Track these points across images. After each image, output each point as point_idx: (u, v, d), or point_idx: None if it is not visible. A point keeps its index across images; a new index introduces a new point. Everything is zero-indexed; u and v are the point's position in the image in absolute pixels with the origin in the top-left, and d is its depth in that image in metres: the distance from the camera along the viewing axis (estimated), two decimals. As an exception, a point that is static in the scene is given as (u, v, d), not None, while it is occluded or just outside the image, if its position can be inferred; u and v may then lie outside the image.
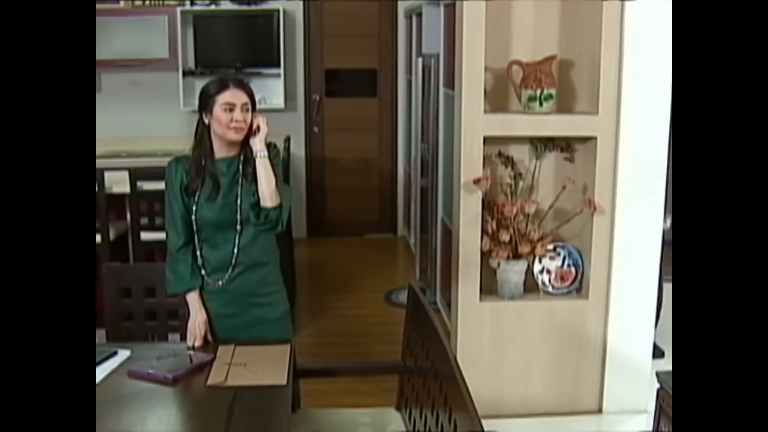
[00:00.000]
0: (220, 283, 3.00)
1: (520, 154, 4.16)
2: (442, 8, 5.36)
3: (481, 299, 4.07)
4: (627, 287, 4.11)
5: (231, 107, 2.87)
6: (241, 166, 2.96)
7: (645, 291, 4.14)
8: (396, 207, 8.12)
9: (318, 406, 3.41)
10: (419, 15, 6.65)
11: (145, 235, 4.68)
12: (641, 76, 3.93)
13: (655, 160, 4.01)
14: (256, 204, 2.91)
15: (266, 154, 2.91)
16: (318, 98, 7.82)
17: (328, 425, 2.94)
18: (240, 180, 2.95)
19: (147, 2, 7.11)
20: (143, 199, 4.71)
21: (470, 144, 3.93)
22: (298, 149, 7.69)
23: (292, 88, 7.64)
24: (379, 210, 8.13)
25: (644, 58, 3.91)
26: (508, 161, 4.11)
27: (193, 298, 3.02)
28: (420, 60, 5.94)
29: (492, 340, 4.10)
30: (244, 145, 2.96)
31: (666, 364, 4.48)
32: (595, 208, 3.98)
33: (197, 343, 2.99)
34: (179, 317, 3.33)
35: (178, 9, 7.16)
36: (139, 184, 4.72)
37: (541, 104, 3.94)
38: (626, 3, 3.85)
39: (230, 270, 2.98)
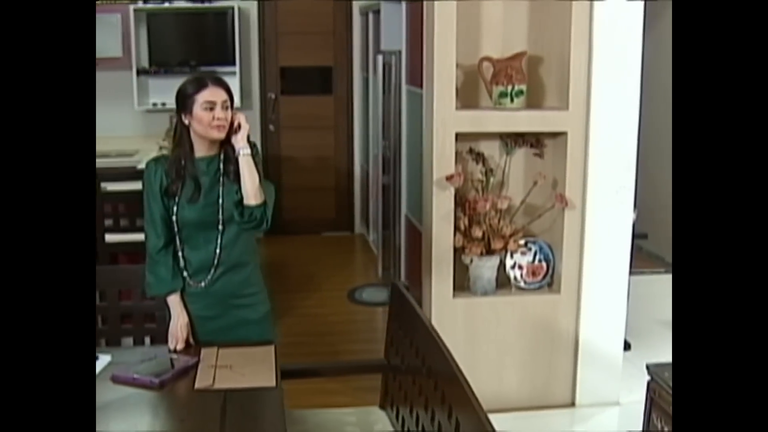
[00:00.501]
0: (203, 284, 2.95)
1: (491, 150, 4.17)
2: (404, 6, 5.34)
3: (454, 295, 4.08)
4: (598, 281, 4.15)
5: (211, 106, 2.82)
6: (221, 165, 2.92)
7: (616, 285, 4.18)
8: (353, 205, 8.09)
9: (291, 407, 3.38)
10: (377, 12, 6.63)
11: (109, 237, 4.58)
12: (610, 72, 3.97)
13: (624, 155, 4.06)
14: (240, 203, 2.86)
15: (249, 151, 2.87)
16: (273, 96, 7.75)
17: (315, 426, 2.91)
18: (221, 179, 2.91)
19: (100, 0, 6.96)
20: (106, 200, 4.61)
21: (442, 140, 3.93)
22: (254, 148, 7.60)
23: (247, 86, 7.56)
24: (336, 208, 8.09)
25: (613, 55, 3.95)
26: (479, 157, 4.12)
27: (174, 301, 2.96)
28: (380, 57, 5.91)
29: (466, 336, 4.11)
30: (224, 143, 2.91)
31: (633, 356, 4.54)
32: (566, 204, 4.01)
33: (179, 347, 2.93)
34: (156, 320, 3.26)
35: (131, 7, 7.02)
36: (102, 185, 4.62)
37: (512, 100, 3.96)
38: (595, 2, 3.88)
39: (212, 271, 2.94)
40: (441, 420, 2.35)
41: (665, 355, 4.94)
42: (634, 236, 4.24)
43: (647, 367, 2.60)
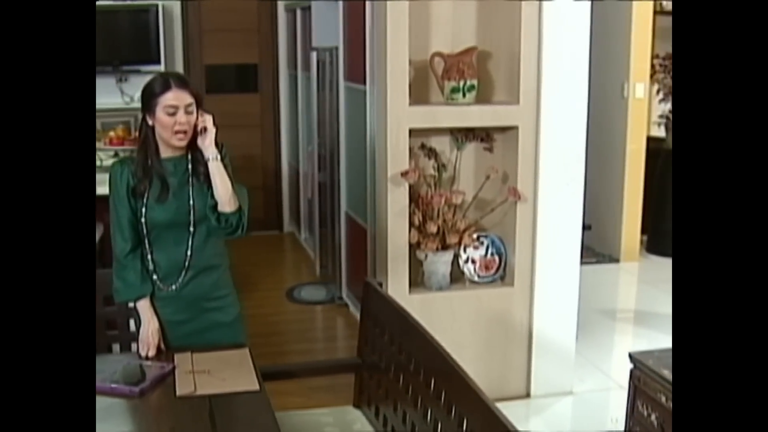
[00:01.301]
0: (173, 287, 2.87)
1: (441, 145, 4.18)
2: (340, 3, 5.31)
3: (410, 291, 4.07)
4: (550, 273, 4.21)
5: (174, 110, 2.72)
6: (189, 166, 2.84)
7: (567, 276, 4.25)
8: (282, 203, 8.01)
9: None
10: (305, 9, 6.58)
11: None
12: (558, 67, 4.02)
13: (573, 148, 4.12)
14: (214, 208, 2.79)
15: (218, 156, 2.79)
16: (198, 95, 7.60)
17: (292, 427, 2.87)
18: (191, 180, 2.83)
19: None
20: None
21: (396, 136, 3.92)
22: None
23: (171, 85, 7.38)
24: (264, 207, 7.98)
25: (561, 50, 4.01)
26: (431, 153, 4.12)
27: (144, 306, 2.87)
28: (314, 54, 5.86)
29: (422, 332, 4.10)
30: (192, 144, 2.83)
31: (580, 346, 4.61)
32: (519, 197, 4.04)
33: (151, 353, 2.84)
34: (118, 327, 3.16)
35: (50, 4, 6.78)
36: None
37: (464, 95, 3.97)
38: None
39: (183, 273, 2.86)
40: (439, 417, 2.34)
41: (610, 345, 5.11)
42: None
43: (630, 356, 2.63)
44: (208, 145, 2.79)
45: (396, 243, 4.01)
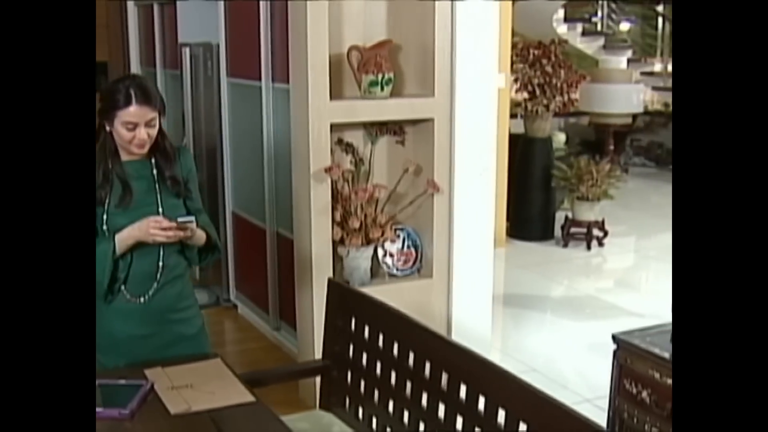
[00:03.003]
0: (142, 300, 2.69)
1: (356, 140, 4.15)
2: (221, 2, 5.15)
3: (335, 289, 4.02)
4: (466, 263, 4.28)
5: (134, 126, 2.55)
6: (155, 170, 2.67)
7: (482, 265, 4.34)
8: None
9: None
10: (165, 5, 6.32)
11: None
12: (469, 59, 4.09)
13: (485, 137, 4.21)
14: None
15: (193, 223, 2.68)
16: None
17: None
18: (157, 186, 2.66)
19: None
20: None
21: (318, 132, 3.85)
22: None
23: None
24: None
25: (472, 43, 4.08)
26: (349, 148, 4.08)
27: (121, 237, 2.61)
28: (187, 50, 5.65)
29: (347, 329, 4.06)
30: (153, 147, 2.66)
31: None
32: (437, 189, 4.08)
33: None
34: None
35: None
36: None
37: (382, 89, 3.96)
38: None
39: (155, 285, 2.69)
40: (452, 406, 2.34)
41: (508, 329, 5.25)
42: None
43: (613, 337, 2.72)
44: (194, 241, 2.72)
45: (320, 240, 3.94)
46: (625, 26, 12.46)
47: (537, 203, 7.45)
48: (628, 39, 11.81)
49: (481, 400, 2.28)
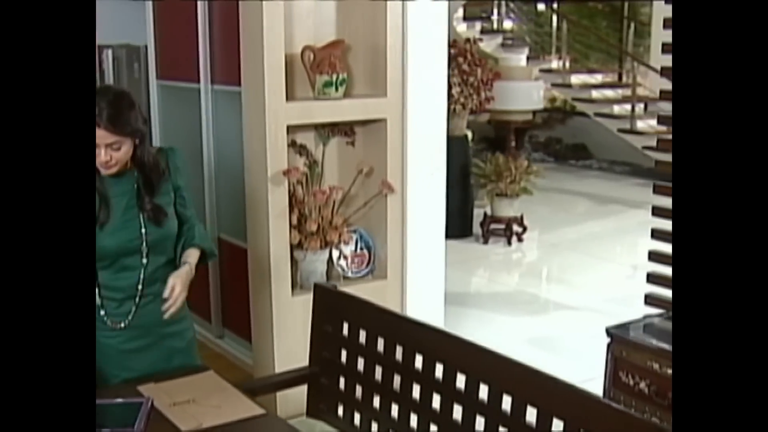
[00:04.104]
0: (122, 325, 2.57)
1: (307, 141, 4.09)
2: (149, 2, 4.98)
3: (293, 294, 3.96)
4: (420, 263, 4.28)
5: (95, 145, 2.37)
6: (137, 185, 2.53)
7: (435, 264, 4.35)
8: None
9: None
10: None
11: None
12: (420, 59, 4.09)
13: (436, 137, 4.22)
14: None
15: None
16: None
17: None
18: (142, 203, 2.53)
19: None
20: None
21: (275, 134, 3.78)
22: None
23: None
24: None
25: (423, 43, 4.08)
26: (303, 150, 4.02)
27: None
28: (109, 52, 5.45)
29: (305, 333, 3.97)
30: (134, 157, 2.52)
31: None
32: (391, 189, 4.06)
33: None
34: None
35: None
36: None
37: (336, 89, 3.92)
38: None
39: (133, 310, 2.57)
40: (471, 408, 2.34)
41: (447, 327, 5.26)
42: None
43: (606, 331, 2.76)
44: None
45: (278, 244, 3.86)
46: (508, 24, 12.68)
47: (455, 201, 7.49)
48: (526, 37, 12.05)
49: (483, 389, 2.33)
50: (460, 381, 2.42)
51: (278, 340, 3.92)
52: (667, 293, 3.35)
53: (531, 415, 2.20)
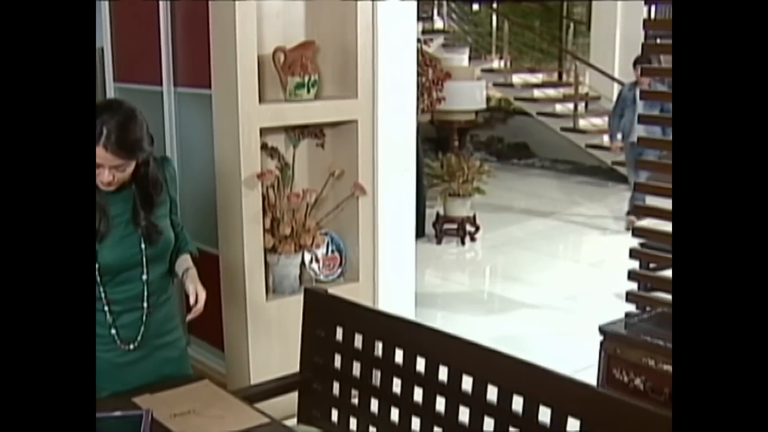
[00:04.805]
0: (131, 347, 2.50)
1: (278, 143, 4.04)
2: (105, 3, 4.86)
3: (267, 298, 3.91)
4: (391, 265, 4.26)
5: (97, 165, 2.26)
6: (135, 200, 2.45)
7: (405, 265, 4.34)
8: None
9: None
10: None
11: None
12: (390, 60, 4.08)
13: (406, 138, 4.21)
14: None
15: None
16: None
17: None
18: (139, 231, 2.46)
19: None
20: None
21: (248, 137, 3.73)
22: None
23: None
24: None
25: (392, 45, 4.07)
26: (275, 152, 3.97)
27: None
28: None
29: (280, 338, 3.95)
30: (135, 172, 2.42)
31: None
32: (363, 192, 4.04)
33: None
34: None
35: None
36: None
37: (308, 91, 3.88)
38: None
39: (142, 329, 2.51)
40: (478, 410, 2.34)
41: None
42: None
43: (600, 329, 2.79)
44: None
45: (252, 249, 3.81)
46: (447, 24, 12.77)
47: (408, 201, 7.52)
48: (468, 37, 12.14)
49: (492, 391, 2.34)
50: (466, 383, 2.41)
51: (253, 347, 3.86)
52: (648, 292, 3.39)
53: (544, 415, 2.20)
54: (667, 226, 3.37)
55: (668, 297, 3.30)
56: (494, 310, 5.68)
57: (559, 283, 6.46)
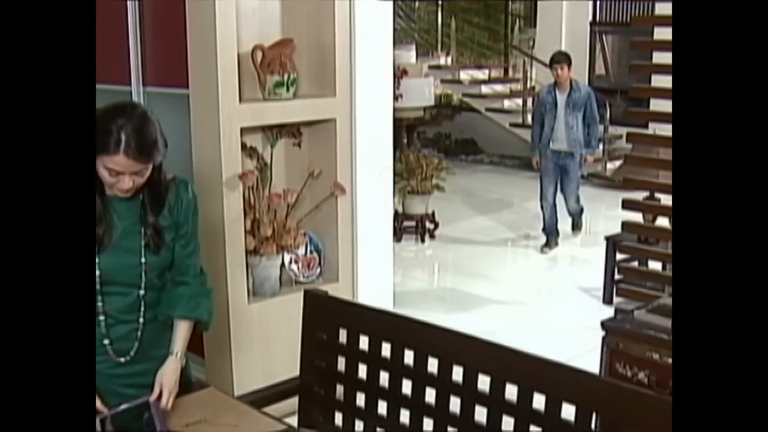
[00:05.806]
0: (123, 359, 2.41)
1: (255, 143, 3.98)
2: None
3: (249, 301, 3.85)
4: (370, 263, 4.24)
5: (117, 174, 2.19)
6: (142, 211, 2.36)
7: (384, 264, 4.31)
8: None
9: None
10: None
11: None
12: (367, 58, 4.05)
13: (383, 137, 4.19)
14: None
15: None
16: None
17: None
18: (144, 230, 2.36)
19: None
20: None
21: (229, 137, 3.67)
22: None
23: None
24: None
25: (369, 42, 4.04)
26: (254, 152, 3.91)
27: None
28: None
29: (261, 340, 3.91)
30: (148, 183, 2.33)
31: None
32: (343, 191, 4.00)
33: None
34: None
35: None
36: None
37: (288, 89, 3.83)
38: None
39: (136, 344, 2.42)
40: (496, 408, 2.33)
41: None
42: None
43: (602, 324, 2.80)
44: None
45: (234, 250, 3.75)
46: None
47: (366, 199, 7.50)
48: (415, 34, 12.16)
49: (512, 390, 2.32)
50: (483, 382, 2.40)
51: (236, 352, 3.79)
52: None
53: (568, 413, 2.20)
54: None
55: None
56: (464, 307, 5.68)
57: (522, 279, 6.51)
